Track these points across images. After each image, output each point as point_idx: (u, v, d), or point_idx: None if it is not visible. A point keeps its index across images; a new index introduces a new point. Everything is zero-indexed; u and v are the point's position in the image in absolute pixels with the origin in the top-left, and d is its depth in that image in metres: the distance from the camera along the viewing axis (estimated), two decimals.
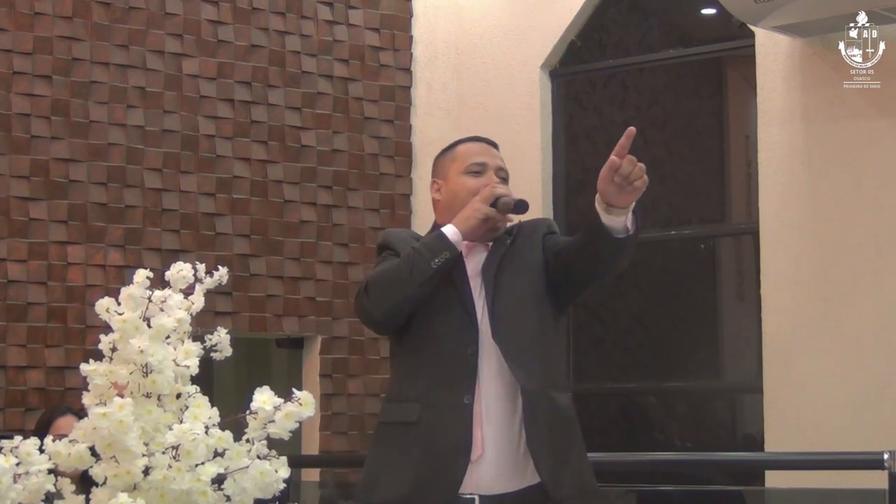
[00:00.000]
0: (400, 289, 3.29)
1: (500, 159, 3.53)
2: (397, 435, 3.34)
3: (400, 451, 3.31)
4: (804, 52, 6.52)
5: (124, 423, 2.47)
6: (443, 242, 3.30)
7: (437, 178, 3.54)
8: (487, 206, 3.35)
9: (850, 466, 4.94)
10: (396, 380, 3.44)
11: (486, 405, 3.29)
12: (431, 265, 3.27)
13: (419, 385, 3.32)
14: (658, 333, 7.43)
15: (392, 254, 3.42)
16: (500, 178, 3.48)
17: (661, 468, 5.97)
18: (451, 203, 3.46)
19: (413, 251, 3.31)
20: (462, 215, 3.35)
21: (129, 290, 2.62)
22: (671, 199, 7.45)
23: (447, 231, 3.33)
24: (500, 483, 3.29)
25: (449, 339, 3.32)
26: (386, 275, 3.31)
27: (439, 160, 3.58)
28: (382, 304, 3.31)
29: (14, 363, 6.22)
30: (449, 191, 3.49)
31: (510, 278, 3.39)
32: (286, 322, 7.04)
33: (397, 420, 3.35)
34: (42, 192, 6.38)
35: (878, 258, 6.29)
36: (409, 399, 3.33)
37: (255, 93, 7.03)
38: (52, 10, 6.47)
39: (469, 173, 3.46)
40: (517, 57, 7.43)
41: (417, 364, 3.35)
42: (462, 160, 3.49)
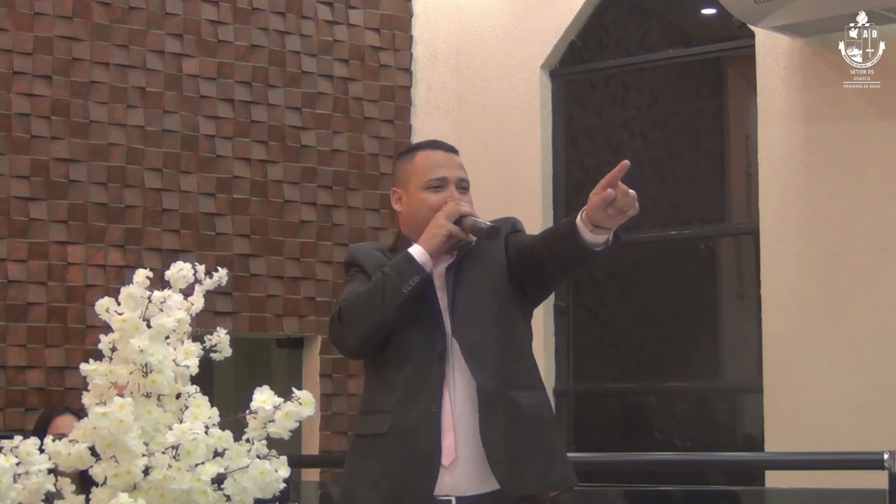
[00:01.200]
0: (373, 317, 3.30)
1: (461, 168, 3.50)
2: (370, 447, 3.37)
3: (373, 464, 3.35)
4: (804, 52, 6.52)
5: (124, 422, 2.47)
6: (412, 266, 3.31)
7: (398, 187, 3.51)
8: (451, 224, 3.35)
9: (850, 466, 4.94)
10: (369, 392, 3.46)
11: (457, 410, 3.31)
12: (403, 290, 3.29)
13: (389, 397, 3.35)
14: (658, 333, 7.43)
15: (359, 271, 3.44)
16: (462, 188, 3.46)
17: (661, 468, 5.97)
18: (412, 216, 3.46)
19: (383, 276, 3.31)
20: (427, 234, 3.35)
21: (129, 290, 2.62)
22: (671, 199, 7.45)
23: (415, 253, 3.32)
24: (475, 484, 3.31)
25: (418, 351, 3.34)
26: (358, 303, 3.32)
27: (399, 167, 3.55)
28: (357, 332, 3.33)
29: (14, 363, 6.22)
30: (409, 205, 3.47)
31: (472, 277, 3.41)
32: (286, 322, 7.04)
33: (370, 432, 3.38)
34: (42, 192, 6.38)
35: (878, 258, 6.29)
36: (381, 411, 3.36)
37: (255, 93, 7.03)
38: (52, 10, 6.47)
39: (429, 189, 3.44)
40: (517, 57, 7.43)
41: (388, 376, 3.37)
42: (422, 173, 3.45)
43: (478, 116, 7.54)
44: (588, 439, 7.36)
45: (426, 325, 3.35)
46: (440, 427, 3.29)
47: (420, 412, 3.30)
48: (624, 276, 7.54)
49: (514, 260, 3.42)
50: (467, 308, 3.37)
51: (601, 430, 7.54)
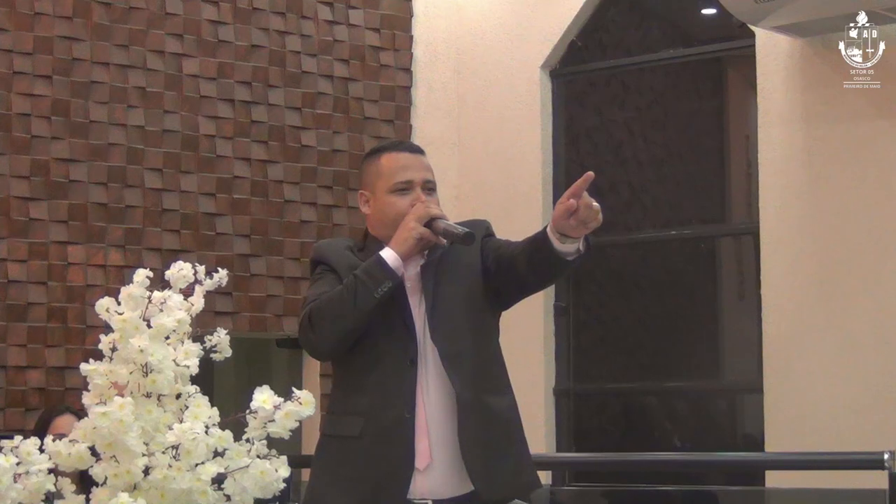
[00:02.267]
0: (344, 321, 3.29)
1: (427, 169, 3.49)
2: (341, 448, 3.36)
3: (343, 466, 3.34)
4: (804, 52, 6.52)
5: (124, 422, 2.47)
6: (385, 271, 3.30)
7: (365, 189, 3.52)
8: (421, 227, 3.34)
9: (851, 466, 4.94)
10: (340, 392, 3.45)
11: (431, 414, 3.32)
12: (375, 295, 3.28)
13: (362, 400, 3.34)
14: (658, 333, 7.42)
15: (328, 270, 3.43)
16: (428, 189, 3.46)
17: (661, 468, 5.98)
18: (380, 219, 3.47)
19: (355, 280, 3.30)
20: (398, 237, 3.35)
21: (129, 290, 2.62)
22: (671, 199, 7.45)
23: (386, 257, 3.32)
24: (450, 487, 3.33)
25: (390, 354, 3.34)
26: (329, 307, 3.30)
27: (366, 169, 3.53)
28: (329, 337, 3.31)
29: (14, 363, 6.22)
30: (377, 208, 3.47)
31: (447, 282, 3.41)
32: (286, 322, 7.04)
33: (340, 434, 3.37)
34: (42, 192, 6.38)
35: (878, 258, 6.29)
36: (353, 413, 3.36)
37: (255, 93, 7.03)
38: (52, 10, 6.47)
39: (396, 192, 3.43)
40: (517, 57, 7.43)
41: (360, 379, 3.36)
42: (388, 176, 3.44)
43: (478, 116, 7.54)
44: (588, 439, 7.36)
45: (397, 328, 3.35)
46: (414, 431, 3.30)
47: (394, 416, 3.30)
48: (624, 276, 7.54)
49: (491, 267, 3.42)
50: (445, 315, 3.37)
51: (601, 430, 7.54)
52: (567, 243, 3.21)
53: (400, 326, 3.35)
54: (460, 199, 7.33)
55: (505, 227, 3.42)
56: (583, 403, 7.41)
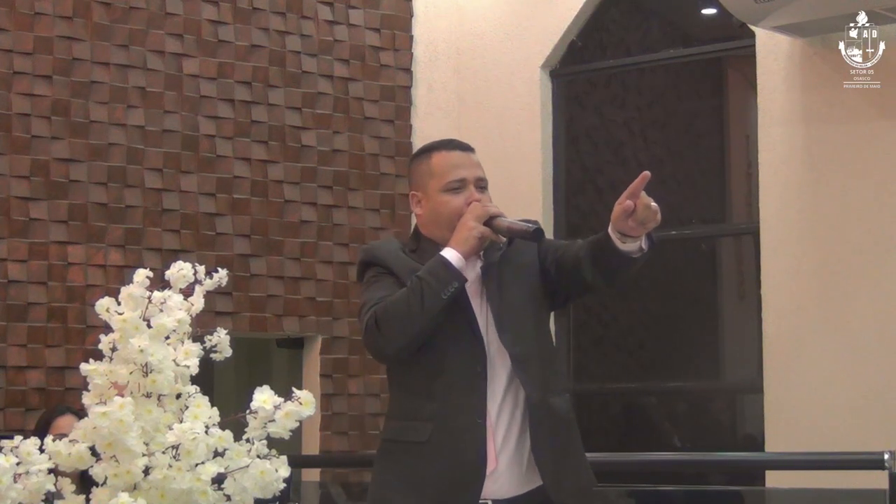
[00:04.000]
0: (413, 324, 3.24)
1: (478, 166, 3.48)
2: (407, 454, 3.33)
3: (411, 472, 3.32)
4: (804, 52, 6.52)
5: (124, 422, 2.47)
6: (450, 271, 3.26)
7: (417, 190, 3.47)
8: (482, 226, 3.32)
9: (851, 466, 4.94)
10: (404, 398, 3.41)
11: (497, 420, 3.31)
12: (442, 296, 3.24)
13: (431, 406, 3.31)
14: (658, 333, 7.43)
15: (385, 272, 3.38)
16: (481, 188, 3.44)
17: (661, 468, 5.98)
18: (435, 219, 3.42)
19: (420, 282, 3.25)
20: (459, 236, 3.31)
21: (129, 290, 2.62)
22: (671, 199, 7.45)
23: (450, 257, 3.28)
24: (511, 489, 3.33)
25: (458, 360, 3.31)
26: (396, 309, 3.25)
27: (415, 169, 3.50)
28: (397, 340, 3.26)
29: (14, 363, 6.22)
30: (431, 208, 3.43)
31: (509, 285, 3.39)
32: (286, 322, 7.04)
33: (406, 439, 3.34)
34: (42, 192, 6.38)
35: (878, 258, 6.29)
36: (420, 418, 3.32)
37: (255, 93, 7.03)
38: (52, 10, 6.47)
39: (449, 191, 3.40)
40: (517, 57, 7.43)
41: (428, 385, 3.32)
42: (440, 176, 3.42)
43: (478, 116, 7.54)
44: (588, 439, 7.30)
45: (462, 331, 3.32)
46: (485, 436, 3.28)
47: (465, 422, 3.28)
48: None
49: (551, 269, 3.41)
50: (511, 317, 3.35)
51: (601, 430, 7.54)
52: (628, 243, 3.21)
53: (465, 330, 3.32)
54: None
55: None
56: (583, 403, 7.41)
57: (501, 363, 3.33)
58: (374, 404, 7.10)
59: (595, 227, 7.66)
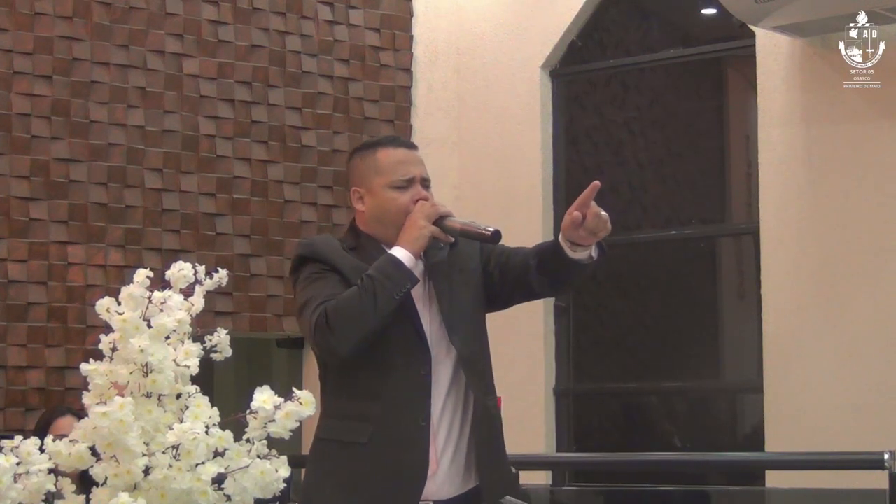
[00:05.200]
0: (366, 323, 3.20)
1: (423, 164, 3.43)
2: (345, 455, 3.30)
3: (348, 472, 3.29)
4: (804, 52, 6.52)
5: (125, 422, 2.47)
6: (402, 271, 3.22)
7: (359, 186, 3.40)
8: (432, 225, 3.28)
9: (851, 466, 4.94)
10: (343, 397, 3.35)
11: (439, 422, 3.30)
12: (395, 296, 3.21)
13: (372, 406, 3.27)
14: (658, 333, 7.43)
15: (328, 269, 3.31)
16: (426, 186, 3.39)
17: (661, 468, 5.98)
18: (379, 216, 3.37)
19: (371, 281, 3.21)
20: (409, 235, 3.27)
21: (130, 290, 2.62)
22: (671, 199, 7.45)
23: (401, 256, 3.24)
24: (450, 490, 3.32)
25: (402, 361, 3.28)
26: (349, 309, 3.20)
27: (358, 165, 3.44)
28: (349, 340, 3.21)
29: (14, 363, 6.22)
30: (376, 204, 3.37)
31: (458, 287, 3.38)
32: (286, 322, 7.04)
33: (344, 439, 3.30)
34: (42, 192, 6.38)
35: (878, 258, 6.29)
36: (360, 419, 3.28)
37: (255, 93, 7.03)
38: (52, 10, 6.47)
39: (396, 188, 3.34)
40: (517, 57, 7.43)
41: (369, 385, 3.29)
42: (387, 173, 3.36)
43: (478, 116, 7.54)
44: (588, 439, 7.36)
45: (406, 332, 3.29)
46: (428, 439, 3.27)
47: (408, 423, 3.26)
48: (624, 276, 7.54)
49: (494, 272, 3.40)
50: (460, 318, 3.35)
51: (601, 430, 7.54)
52: (579, 251, 3.21)
53: (410, 331, 3.30)
54: (460, 199, 7.32)
55: (505, 227, 3.39)
56: (583, 403, 7.41)
57: (444, 365, 3.32)
58: None
59: None
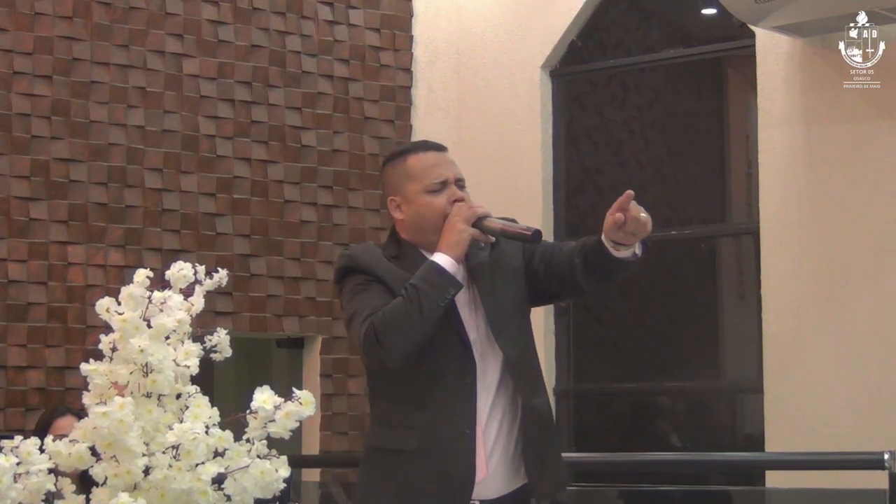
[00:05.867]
0: (414, 333, 3.19)
1: (455, 165, 3.41)
2: (393, 463, 3.30)
3: (397, 480, 3.29)
4: (804, 53, 6.52)
5: (125, 422, 2.47)
6: (446, 279, 3.21)
7: (394, 195, 3.39)
8: (471, 227, 3.26)
9: (851, 466, 4.94)
10: (390, 405, 3.35)
11: (486, 428, 3.29)
12: (440, 304, 3.20)
13: (419, 414, 3.27)
14: (658, 333, 7.43)
15: (372, 280, 3.30)
16: (461, 186, 3.38)
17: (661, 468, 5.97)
18: (418, 222, 3.35)
19: (416, 290, 3.19)
20: (449, 240, 3.25)
21: (130, 290, 2.62)
22: (671, 199, 7.45)
23: (443, 262, 3.22)
24: (498, 489, 3.32)
25: (447, 368, 3.27)
26: (395, 320, 3.19)
27: (391, 174, 3.42)
28: (399, 351, 3.21)
29: (14, 363, 6.22)
30: (413, 211, 3.35)
31: (501, 288, 3.37)
32: (286, 322, 7.04)
33: (393, 447, 3.31)
34: (42, 192, 6.38)
35: (878, 258, 6.29)
36: (407, 426, 3.29)
37: (255, 93, 7.03)
38: (52, 10, 6.47)
39: (431, 192, 3.33)
40: (517, 57, 7.43)
41: (416, 393, 3.29)
42: (420, 178, 3.35)
43: (478, 116, 7.54)
44: (588, 439, 7.36)
45: (450, 338, 3.28)
46: (474, 447, 3.26)
47: (454, 432, 3.25)
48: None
49: (539, 269, 3.38)
50: (505, 320, 3.34)
51: (601, 430, 7.54)
52: (622, 250, 3.21)
53: (454, 337, 3.28)
54: None
55: None
56: (583, 403, 7.41)
57: (489, 368, 3.31)
58: None
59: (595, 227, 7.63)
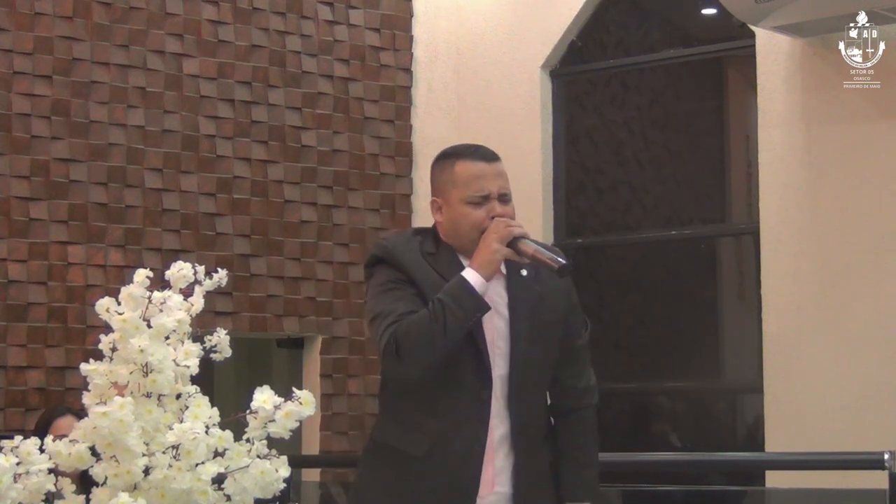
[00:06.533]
0: (435, 350, 3.17)
1: (502, 177, 3.36)
2: (399, 463, 3.29)
3: (401, 481, 3.29)
4: (804, 53, 6.52)
5: (125, 422, 2.47)
6: (474, 300, 3.17)
7: (437, 196, 3.37)
8: (505, 248, 3.22)
9: (851, 466, 4.94)
10: (403, 405, 3.33)
11: (495, 442, 3.29)
12: (466, 325, 3.18)
13: (432, 422, 3.26)
14: (658, 333, 7.43)
15: (404, 280, 3.27)
16: (504, 201, 3.33)
17: (661, 468, 5.97)
18: (454, 229, 3.32)
19: (442, 307, 3.16)
20: (481, 259, 3.20)
21: (129, 290, 2.62)
22: (671, 199, 7.45)
23: (473, 282, 3.18)
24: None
25: (464, 380, 3.26)
26: (418, 334, 3.16)
27: (437, 175, 3.39)
28: (419, 364, 3.20)
29: (14, 363, 6.22)
30: (450, 218, 3.32)
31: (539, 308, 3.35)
32: (286, 322, 7.04)
33: (401, 448, 3.29)
34: (42, 192, 6.38)
35: (878, 258, 6.29)
36: (419, 431, 3.27)
37: (255, 93, 7.03)
38: (52, 10, 6.47)
39: (471, 203, 3.29)
40: (517, 57, 7.43)
41: (431, 402, 3.27)
42: (462, 186, 3.31)
43: (478, 116, 7.54)
44: None
45: (471, 351, 3.26)
46: (482, 460, 3.26)
47: (466, 444, 3.25)
48: (624, 276, 7.54)
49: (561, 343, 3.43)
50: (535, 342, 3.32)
51: (601, 430, 7.52)
52: None
53: (472, 350, 3.25)
54: None
55: None
56: None
57: (503, 385, 3.30)
58: (374, 404, 7.05)
59: (595, 227, 7.70)
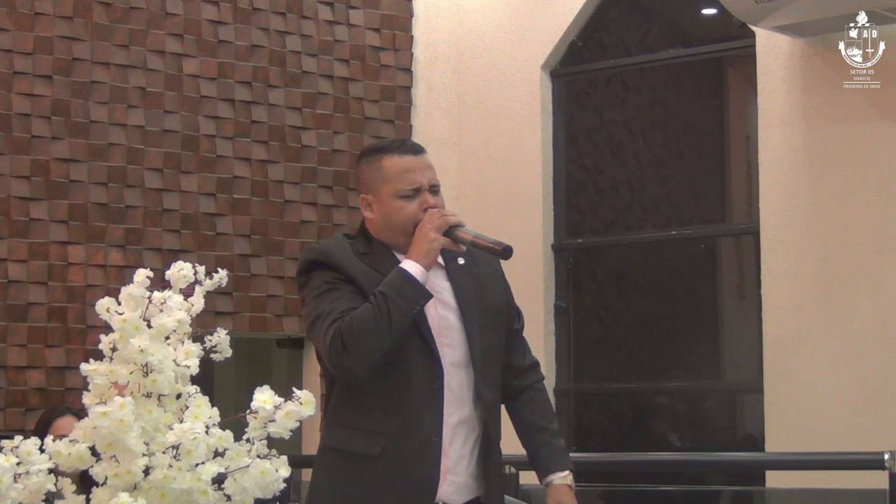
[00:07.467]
0: (381, 343, 3.15)
1: (431, 169, 3.33)
2: (354, 465, 3.27)
3: (356, 483, 3.26)
4: (804, 53, 6.52)
5: (125, 422, 2.47)
6: (416, 289, 3.16)
7: (367, 193, 3.34)
8: (442, 237, 3.22)
9: (851, 466, 4.95)
10: (353, 407, 3.30)
11: (448, 436, 3.28)
12: (410, 315, 3.17)
13: (385, 420, 3.24)
14: (658, 333, 7.43)
15: (341, 279, 3.26)
16: (434, 192, 3.32)
17: (661, 468, 5.98)
18: (387, 224, 3.31)
19: (385, 299, 3.15)
20: (419, 249, 3.21)
21: (130, 290, 2.62)
22: (671, 199, 7.45)
23: (413, 271, 3.18)
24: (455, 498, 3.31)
25: (414, 374, 3.24)
26: (363, 329, 3.14)
27: (365, 171, 3.36)
28: (367, 360, 3.17)
29: (14, 363, 6.22)
30: (383, 213, 3.31)
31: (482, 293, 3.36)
32: (287, 322, 7.04)
33: (356, 451, 3.27)
34: (42, 192, 6.38)
35: (878, 258, 6.29)
36: (372, 430, 3.25)
37: (255, 93, 7.03)
38: (52, 10, 6.47)
39: (403, 197, 3.28)
40: (517, 57, 7.43)
41: (382, 399, 3.25)
42: (393, 182, 3.28)
43: (478, 116, 7.54)
44: (588, 439, 7.36)
45: (418, 345, 3.25)
46: (441, 451, 3.25)
47: (420, 440, 3.23)
48: (624, 276, 7.54)
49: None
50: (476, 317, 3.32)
51: (601, 429, 7.54)
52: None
53: (420, 343, 3.25)
54: (460, 199, 7.33)
55: (505, 227, 3.40)
56: (583, 403, 7.41)
57: (453, 376, 3.28)
58: None
59: (595, 227, 7.70)
